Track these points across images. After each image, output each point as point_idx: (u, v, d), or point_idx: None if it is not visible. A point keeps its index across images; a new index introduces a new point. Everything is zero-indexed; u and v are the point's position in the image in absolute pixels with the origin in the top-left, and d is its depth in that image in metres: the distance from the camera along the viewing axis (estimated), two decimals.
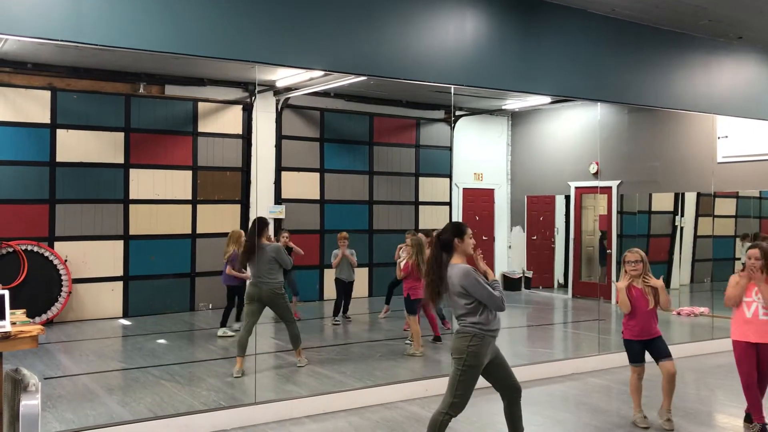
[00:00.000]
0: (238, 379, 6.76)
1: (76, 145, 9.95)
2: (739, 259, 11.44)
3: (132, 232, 10.34)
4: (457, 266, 4.40)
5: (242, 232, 9.02)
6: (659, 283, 5.51)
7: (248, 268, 7.42)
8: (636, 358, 5.58)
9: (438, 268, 4.45)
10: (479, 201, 13.75)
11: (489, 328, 4.36)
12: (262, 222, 7.26)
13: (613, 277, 11.66)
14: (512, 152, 14.15)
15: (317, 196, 11.91)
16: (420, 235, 8.74)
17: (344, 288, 9.79)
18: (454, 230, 4.48)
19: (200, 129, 10.92)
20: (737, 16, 7.54)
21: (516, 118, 14.00)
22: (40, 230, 9.69)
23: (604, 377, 7.16)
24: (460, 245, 4.45)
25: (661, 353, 5.49)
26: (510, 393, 4.56)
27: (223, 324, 8.88)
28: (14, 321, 3.97)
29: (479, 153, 13.70)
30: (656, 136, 11.53)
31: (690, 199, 11.71)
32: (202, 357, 7.98)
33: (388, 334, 9.11)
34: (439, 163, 13.01)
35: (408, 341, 8.14)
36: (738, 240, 11.03)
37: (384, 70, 6.35)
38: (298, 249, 9.58)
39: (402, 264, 8.19)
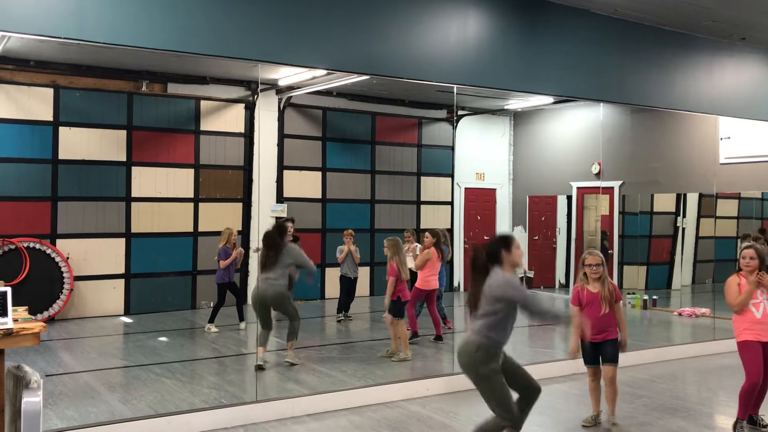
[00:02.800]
0: (238, 378, 6.77)
1: (78, 143, 9.95)
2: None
3: (134, 229, 10.36)
4: (501, 273, 4.31)
5: (232, 229, 9.22)
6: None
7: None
8: (589, 359, 5.51)
9: (479, 281, 4.37)
10: (481, 201, 13.75)
11: (497, 339, 4.31)
12: (281, 228, 7.46)
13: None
14: (514, 152, 14.14)
15: (319, 195, 11.92)
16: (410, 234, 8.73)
17: (348, 285, 9.83)
18: (501, 241, 4.42)
19: (202, 127, 10.93)
20: (741, 17, 7.52)
21: (518, 118, 13.99)
22: (43, 227, 9.70)
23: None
24: (508, 256, 4.38)
25: (606, 357, 5.42)
26: (528, 392, 4.50)
27: (211, 320, 9.00)
28: (16, 318, 3.98)
29: (481, 153, 13.69)
30: (659, 137, 11.52)
31: (692, 200, 11.70)
32: (204, 355, 7.99)
33: (389, 333, 9.08)
34: (441, 162, 13.01)
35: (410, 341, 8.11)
36: (739, 241, 11.02)
37: (387, 70, 6.35)
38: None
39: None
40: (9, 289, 3.88)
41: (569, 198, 13.09)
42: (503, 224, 14.00)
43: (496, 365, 4.30)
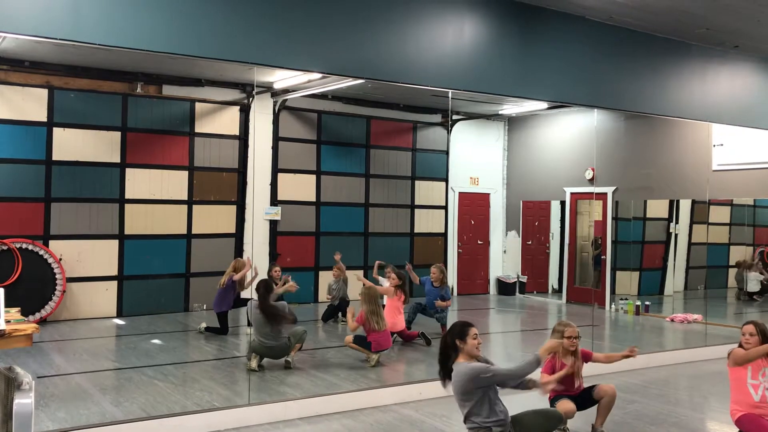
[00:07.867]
0: (231, 381, 6.76)
1: (72, 144, 9.93)
2: (732, 266, 11.52)
3: (127, 231, 10.33)
4: (462, 365, 4.47)
5: (241, 260, 9.34)
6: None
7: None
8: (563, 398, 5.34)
9: (445, 363, 4.60)
10: (475, 205, 13.78)
11: (493, 419, 4.43)
12: (267, 285, 7.37)
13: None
14: (508, 157, 14.19)
15: (313, 198, 11.92)
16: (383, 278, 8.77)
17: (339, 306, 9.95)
18: (457, 333, 4.57)
19: (197, 129, 10.91)
20: (734, 25, 7.58)
21: (513, 123, 14.04)
22: (35, 228, 9.66)
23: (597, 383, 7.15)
24: (464, 347, 4.52)
25: (595, 386, 5.37)
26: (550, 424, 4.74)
27: (209, 329, 9.00)
28: (9, 319, 3.97)
29: (475, 157, 13.73)
30: (652, 143, 11.58)
31: (685, 206, 11.76)
32: (196, 357, 7.97)
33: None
34: (435, 166, 13.03)
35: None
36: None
37: (382, 74, 6.37)
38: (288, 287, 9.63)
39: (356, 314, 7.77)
40: (1, 290, 3.88)
41: (563, 203, 13.14)
42: (497, 229, 14.03)
43: None
